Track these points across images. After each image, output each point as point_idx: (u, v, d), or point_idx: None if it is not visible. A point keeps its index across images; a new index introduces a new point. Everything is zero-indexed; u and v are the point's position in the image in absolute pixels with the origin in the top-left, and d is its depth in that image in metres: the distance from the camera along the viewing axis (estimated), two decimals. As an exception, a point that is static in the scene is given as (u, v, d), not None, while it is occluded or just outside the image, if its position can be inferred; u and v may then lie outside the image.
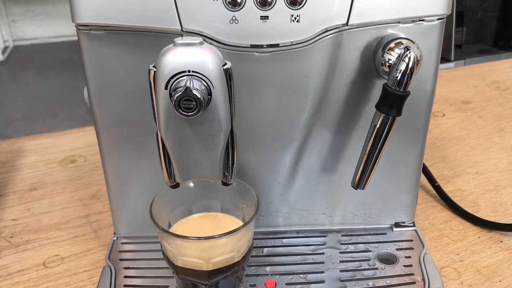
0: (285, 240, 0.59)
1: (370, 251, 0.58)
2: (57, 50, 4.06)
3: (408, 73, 0.45)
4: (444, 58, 2.41)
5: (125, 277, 0.54)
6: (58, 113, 2.96)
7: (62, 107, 3.02)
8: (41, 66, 3.72)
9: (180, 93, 0.38)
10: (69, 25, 4.18)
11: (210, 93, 0.40)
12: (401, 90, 0.45)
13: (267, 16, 0.44)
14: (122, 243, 0.59)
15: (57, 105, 3.04)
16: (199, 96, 0.38)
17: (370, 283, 0.53)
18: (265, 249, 0.58)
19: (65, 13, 4.22)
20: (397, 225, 0.61)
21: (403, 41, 0.46)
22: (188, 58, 0.39)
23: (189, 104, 0.39)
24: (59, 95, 3.18)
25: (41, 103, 3.07)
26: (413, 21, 0.48)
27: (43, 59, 3.86)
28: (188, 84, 0.38)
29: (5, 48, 4.05)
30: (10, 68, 3.71)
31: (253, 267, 0.55)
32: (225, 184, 0.47)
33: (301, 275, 0.54)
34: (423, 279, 0.53)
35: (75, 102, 3.02)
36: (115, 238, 0.60)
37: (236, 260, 0.47)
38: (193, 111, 0.39)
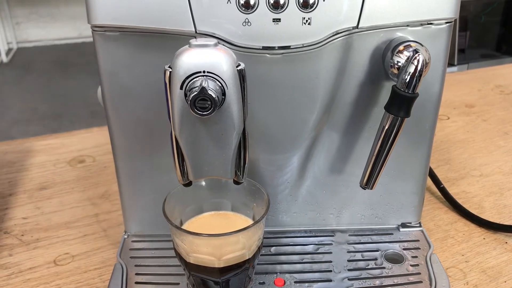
0: (293, 239, 0.60)
1: (377, 250, 0.58)
2: (61, 52, 4.08)
3: (417, 75, 0.46)
4: (447, 62, 2.42)
5: (137, 274, 0.55)
6: (61, 115, 2.97)
7: (66, 109, 3.03)
8: (44, 68, 3.74)
9: (195, 93, 0.39)
10: (72, 27, 4.22)
11: (224, 93, 0.41)
12: (409, 91, 0.46)
13: (279, 19, 0.45)
14: (133, 241, 0.60)
15: (60, 107, 3.05)
16: (214, 96, 0.39)
17: (377, 282, 0.54)
18: (274, 247, 0.59)
19: (69, 16, 4.24)
20: (403, 225, 0.62)
21: (412, 44, 0.47)
22: (203, 59, 0.40)
23: (204, 103, 0.40)
24: (62, 97, 3.20)
25: (44, 105, 3.09)
26: (421, 25, 0.49)
27: (46, 61, 3.88)
28: (203, 84, 0.39)
29: (9, 50, 4.07)
30: (14, 70, 3.73)
31: (262, 265, 0.56)
32: (236, 182, 0.48)
33: (309, 274, 0.55)
34: (430, 279, 0.54)
35: (79, 104, 3.04)
36: (125, 236, 0.61)
37: (247, 258, 0.48)
38: (208, 111, 0.40)
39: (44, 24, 4.26)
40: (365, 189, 0.52)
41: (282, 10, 0.45)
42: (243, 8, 0.45)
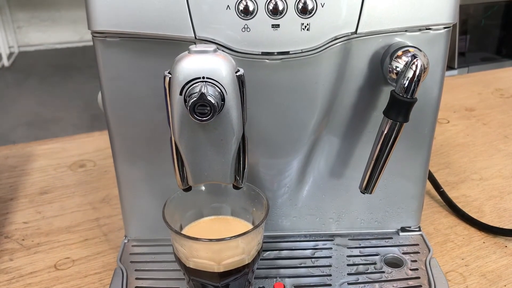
0: (293, 244, 0.60)
1: (377, 254, 0.59)
2: (62, 56, 4.09)
3: (415, 80, 0.46)
4: (448, 65, 2.42)
5: (137, 278, 0.55)
6: (62, 119, 2.97)
7: (67, 113, 3.03)
8: (46, 72, 3.74)
9: (195, 98, 0.39)
10: (73, 31, 4.24)
11: (223, 99, 0.41)
12: (408, 96, 0.46)
13: (278, 25, 0.46)
14: (133, 246, 0.60)
15: (61, 111, 3.06)
16: (213, 101, 0.40)
17: (377, 286, 0.54)
18: (274, 252, 0.59)
19: (70, 20, 4.25)
20: (403, 229, 0.62)
21: (410, 49, 0.47)
22: (202, 65, 0.41)
23: (203, 109, 0.40)
24: (63, 101, 3.20)
25: (45, 109, 3.09)
26: (420, 30, 0.49)
27: (48, 65, 3.88)
28: (203, 90, 0.39)
29: (11, 54, 4.08)
30: (15, 74, 3.73)
31: (261, 270, 0.56)
32: (236, 187, 0.48)
33: (308, 278, 0.55)
34: (429, 283, 0.54)
35: (80, 108, 3.04)
36: (126, 241, 0.61)
37: (247, 262, 0.48)
38: (207, 116, 0.40)
39: (45, 28, 4.27)
40: (364, 193, 0.52)
41: (281, 16, 0.45)
42: (242, 14, 0.45)
